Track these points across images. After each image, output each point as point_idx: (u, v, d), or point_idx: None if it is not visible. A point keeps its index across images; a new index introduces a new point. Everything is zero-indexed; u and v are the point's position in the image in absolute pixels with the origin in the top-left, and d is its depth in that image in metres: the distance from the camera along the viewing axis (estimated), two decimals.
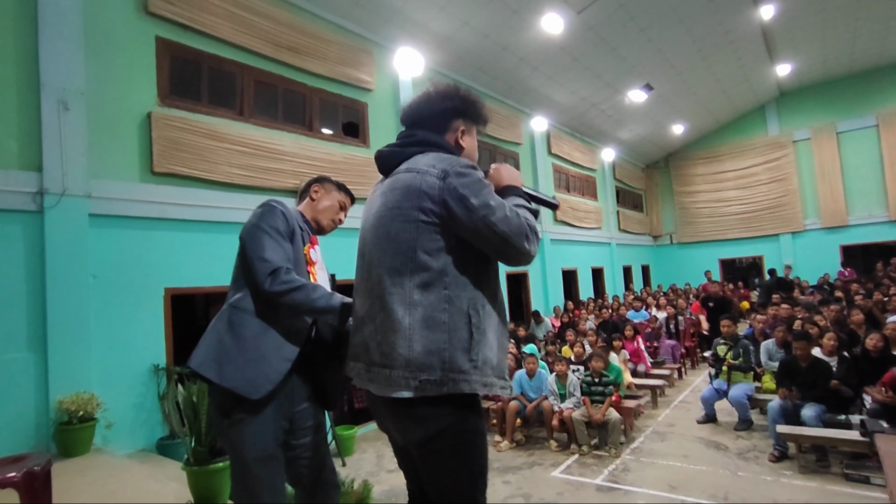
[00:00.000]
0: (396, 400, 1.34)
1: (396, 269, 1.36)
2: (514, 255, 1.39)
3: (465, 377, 1.32)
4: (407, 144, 1.52)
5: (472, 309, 1.36)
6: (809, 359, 4.90)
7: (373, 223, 1.46)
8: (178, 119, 5.19)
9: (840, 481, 4.13)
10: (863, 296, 8.59)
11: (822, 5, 10.90)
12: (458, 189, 1.34)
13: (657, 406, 6.80)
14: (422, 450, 1.39)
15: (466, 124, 1.58)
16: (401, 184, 1.41)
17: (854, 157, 15.07)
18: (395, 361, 1.32)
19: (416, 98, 1.59)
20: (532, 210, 1.48)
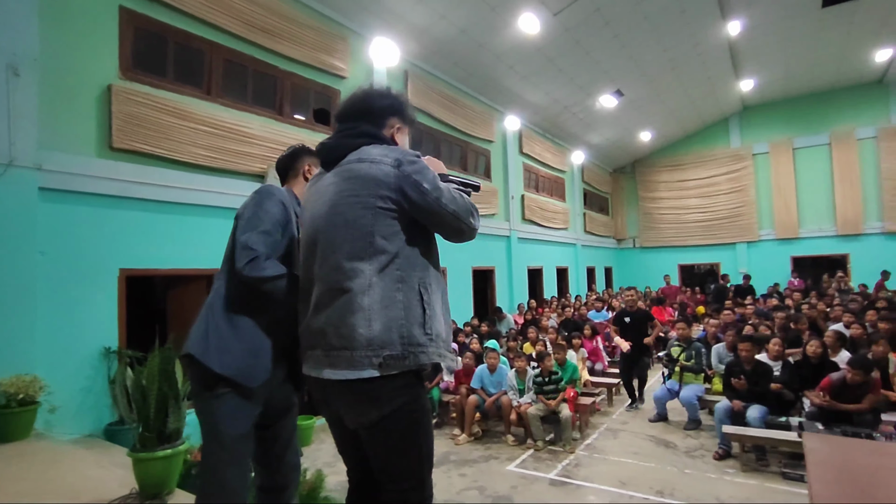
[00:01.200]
0: (353, 382, 1.39)
1: (355, 254, 1.43)
2: (466, 230, 1.55)
3: (423, 349, 1.43)
4: (353, 136, 1.59)
5: (422, 287, 1.48)
6: (753, 361, 5.13)
7: (326, 211, 1.51)
8: (141, 94, 4.99)
9: (777, 479, 4.35)
10: (809, 305, 9.04)
11: (785, 27, 11.36)
12: (412, 175, 1.46)
13: (612, 404, 7.00)
14: (373, 430, 1.45)
15: (400, 122, 1.69)
16: (355, 173, 1.48)
17: (808, 172, 15.81)
18: (356, 342, 1.38)
19: (353, 94, 1.68)
20: (465, 191, 1.61)
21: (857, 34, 11.84)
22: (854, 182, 15.05)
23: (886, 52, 12.79)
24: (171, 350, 3.02)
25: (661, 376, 6.59)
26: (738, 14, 10.59)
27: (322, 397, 1.56)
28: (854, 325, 6.32)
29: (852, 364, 4.48)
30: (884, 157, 14.69)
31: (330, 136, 1.67)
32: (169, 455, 2.88)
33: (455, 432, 5.80)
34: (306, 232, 1.59)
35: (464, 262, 10.20)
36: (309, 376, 1.54)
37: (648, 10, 9.49)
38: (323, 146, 1.64)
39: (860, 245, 15.00)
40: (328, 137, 1.66)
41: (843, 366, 4.96)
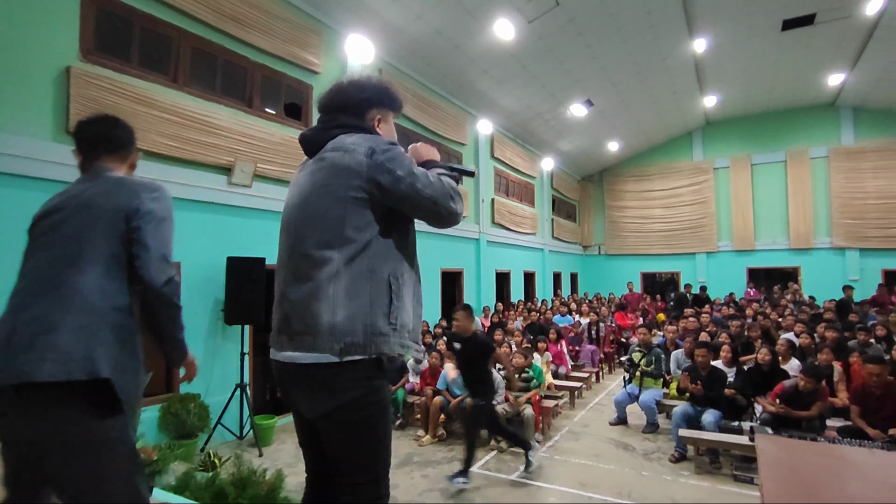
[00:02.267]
0: (312, 367, 1.39)
1: (325, 243, 1.43)
2: (445, 214, 1.52)
3: (385, 339, 1.43)
4: (331, 127, 1.60)
5: (392, 278, 1.47)
6: (708, 367, 5.32)
7: (298, 201, 1.52)
8: (103, 78, 4.79)
9: (729, 481, 4.51)
10: (763, 315, 9.42)
11: (747, 48, 11.85)
12: (385, 163, 1.46)
13: (574, 407, 7.12)
14: (329, 421, 1.45)
15: (382, 112, 1.69)
16: (328, 162, 1.49)
17: (764, 187, 16.51)
18: (319, 328, 1.39)
19: (331, 88, 1.69)
20: (451, 175, 1.60)
21: (812, 58, 12.45)
22: (806, 199, 15.80)
23: (838, 77, 13.50)
24: None
25: (623, 380, 6.74)
26: (704, 32, 10.98)
27: (283, 385, 1.55)
28: (803, 334, 6.62)
29: (806, 372, 4.69)
30: (833, 176, 15.48)
31: (310, 128, 1.68)
32: None
33: (419, 433, 5.78)
34: (282, 221, 1.59)
35: (432, 263, 10.20)
36: (274, 361, 1.53)
37: (620, 23, 9.74)
38: (303, 136, 1.65)
39: (810, 259, 15.76)
40: (308, 129, 1.67)
41: (792, 373, 5.19)
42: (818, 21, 10.60)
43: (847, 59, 12.42)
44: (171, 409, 4.90)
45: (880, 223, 14.82)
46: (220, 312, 5.68)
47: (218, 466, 3.73)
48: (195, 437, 4.95)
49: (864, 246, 15.00)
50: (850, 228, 15.15)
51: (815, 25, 10.77)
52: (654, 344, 6.67)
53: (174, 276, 1.55)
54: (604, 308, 11.32)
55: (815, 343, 6.44)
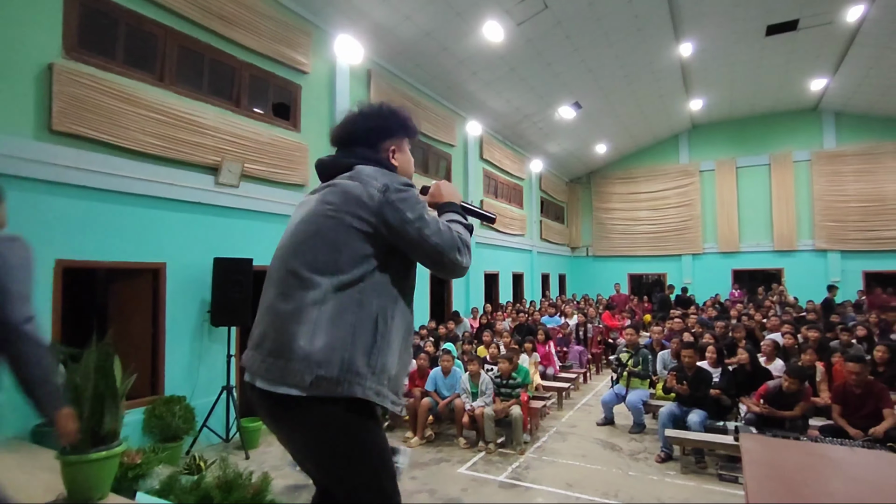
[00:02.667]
0: (281, 401, 1.32)
1: (316, 266, 1.39)
2: (449, 265, 1.47)
3: (360, 381, 1.34)
4: (348, 157, 1.59)
5: (380, 316, 1.40)
6: (694, 367, 5.38)
7: (302, 217, 1.50)
8: (86, 76, 4.72)
9: (714, 481, 4.56)
10: (748, 316, 9.56)
11: (732, 53, 12.03)
12: (396, 203, 1.43)
13: (562, 408, 7.15)
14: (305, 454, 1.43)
15: (396, 142, 1.66)
16: (341, 188, 1.47)
17: (749, 190, 16.75)
18: (294, 353, 1.32)
19: (344, 119, 1.67)
20: (466, 225, 1.57)
21: (795, 63, 12.67)
22: (789, 201, 16.07)
23: (820, 82, 13.75)
24: (109, 346, 2.86)
25: (610, 380, 6.79)
26: (691, 36, 11.12)
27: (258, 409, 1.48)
28: (787, 335, 6.73)
29: (790, 373, 4.76)
30: (816, 179, 15.76)
31: (328, 155, 1.67)
32: (103, 457, 2.72)
33: (407, 435, 5.77)
34: (283, 236, 1.56)
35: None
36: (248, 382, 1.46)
37: (607, 26, 9.82)
38: (320, 162, 1.64)
39: (793, 260, 16.02)
40: (326, 156, 1.66)
41: (777, 374, 5.27)
42: (801, 27, 10.79)
43: (829, 64, 12.66)
44: (156, 411, 4.84)
45: (861, 225, 15.12)
46: (207, 314, 5.62)
47: (203, 469, 3.69)
48: (180, 439, 4.89)
49: (846, 248, 15.29)
50: (832, 231, 15.44)
51: (798, 31, 10.96)
52: (641, 345, 6.74)
53: (34, 316, 1.57)
54: (591, 309, 11.39)
55: (798, 344, 6.55)
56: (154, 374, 5.29)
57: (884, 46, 11.00)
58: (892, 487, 1.51)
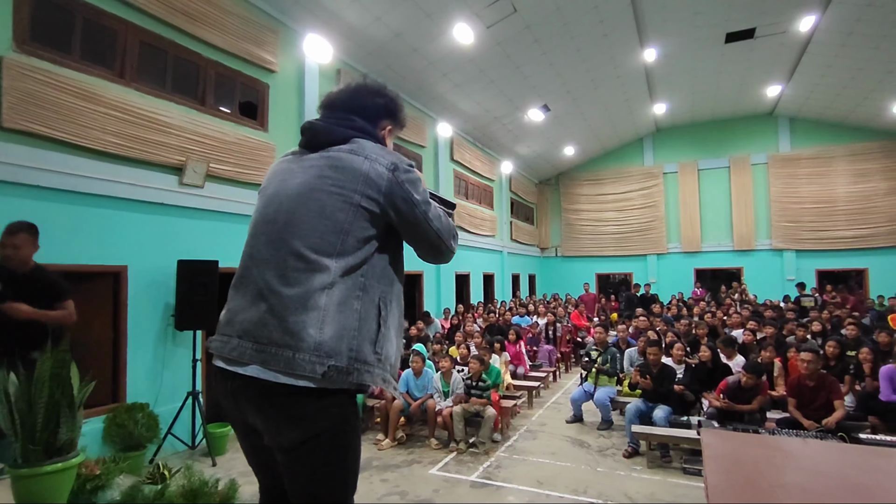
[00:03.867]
0: (283, 390, 1.25)
1: (323, 248, 1.31)
2: (444, 251, 1.50)
3: (369, 369, 1.32)
4: (347, 126, 1.48)
5: (381, 302, 1.38)
6: (659, 364, 5.53)
7: (298, 192, 1.37)
8: (40, 70, 4.52)
9: (679, 474, 4.70)
10: (710, 314, 9.88)
11: (694, 59, 12.44)
12: (405, 184, 1.39)
13: (532, 406, 7.24)
14: (293, 453, 1.31)
15: (392, 125, 1.63)
16: (345, 163, 1.38)
17: (710, 192, 17.34)
18: (303, 342, 1.25)
19: (348, 85, 1.58)
20: (449, 213, 1.58)
21: (753, 70, 13.19)
22: (748, 203, 16.70)
23: (776, 88, 14.35)
24: (66, 353, 2.74)
25: (580, 378, 6.91)
26: (654, 42, 11.44)
27: (235, 405, 1.37)
28: (745, 332, 6.98)
29: (747, 369, 4.96)
30: (772, 181, 16.44)
31: (320, 118, 1.54)
32: (58, 469, 2.61)
33: (379, 437, 5.73)
34: (266, 208, 1.43)
35: None
36: (223, 370, 1.34)
37: (574, 31, 10.00)
38: (313, 127, 1.49)
39: (752, 259, 16.66)
40: (318, 119, 1.53)
41: (737, 369, 5.47)
42: (758, 35, 11.24)
43: (784, 71, 13.22)
44: (117, 419, 4.67)
45: (814, 226, 15.85)
46: (171, 318, 5.46)
47: (167, 478, 3.58)
48: (143, 448, 4.74)
49: (800, 247, 16.00)
50: (788, 231, 16.13)
51: (756, 39, 11.41)
52: (609, 343, 6.88)
53: None
54: (560, 309, 11.57)
55: (756, 340, 6.81)
56: (115, 381, 5.10)
57: (833, 55, 11.57)
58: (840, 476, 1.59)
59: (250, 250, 1.41)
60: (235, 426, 1.45)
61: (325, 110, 1.56)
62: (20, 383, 2.71)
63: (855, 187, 15.51)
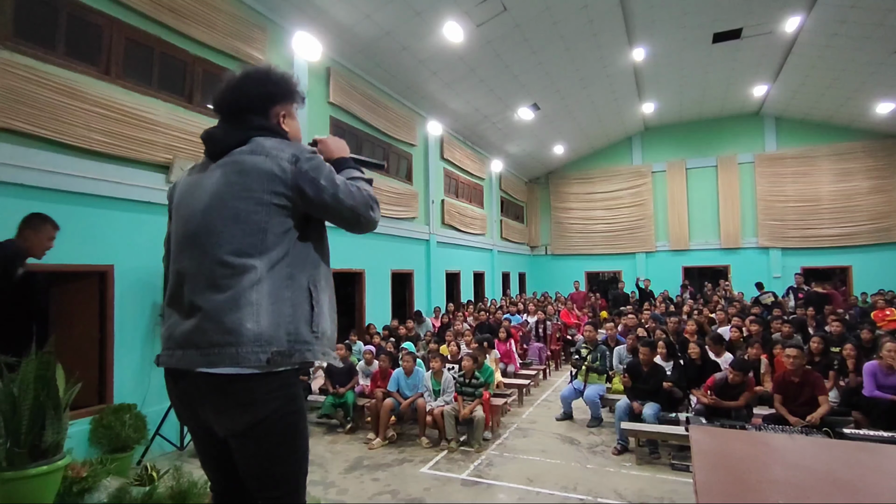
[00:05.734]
0: (230, 380, 1.34)
1: (244, 250, 1.38)
2: (364, 223, 1.53)
3: (309, 347, 1.43)
4: (243, 128, 1.51)
5: (311, 285, 1.47)
6: (651, 363, 5.58)
7: (210, 203, 1.42)
8: (23, 67, 4.44)
9: (667, 470, 4.75)
10: (698, 311, 9.99)
11: (682, 58, 12.54)
12: (310, 172, 1.43)
13: (522, 404, 7.27)
14: (245, 436, 1.39)
15: (285, 107, 1.62)
16: (247, 166, 1.42)
17: (698, 191, 17.51)
18: (243, 337, 1.33)
19: (227, 84, 1.57)
20: (367, 180, 1.61)
21: (739, 70, 13.33)
22: (735, 201, 16.89)
23: (762, 88, 14.52)
24: (51, 354, 2.71)
25: (570, 375, 6.95)
26: (643, 42, 11.51)
27: (187, 404, 1.46)
28: (733, 328, 7.07)
29: (734, 366, 5.02)
30: (759, 180, 16.63)
31: (215, 126, 1.56)
32: (44, 472, 2.57)
33: (369, 436, 5.72)
34: (185, 225, 1.47)
35: (383, 264, 10.13)
36: (173, 371, 1.43)
37: (563, 30, 10.04)
38: (210, 137, 1.52)
39: (739, 257, 16.86)
40: (214, 127, 1.55)
41: (725, 366, 5.54)
42: (744, 35, 11.36)
43: (770, 71, 13.38)
44: (104, 421, 4.61)
45: (799, 224, 16.07)
46: (159, 318, 5.40)
47: (156, 480, 3.54)
48: (131, 449, 4.69)
49: (786, 245, 16.22)
50: (773, 229, 16.34)
51: (742, 39, 11.53)
52: (599, 341, 6.93)
53: None
54: (550, 307, 11.62)
55: (743, 337, 6.90)
56: (102, 383, 5.04)
57: (818, 56, 11.73)
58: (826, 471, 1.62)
59: (177, 267, 1.46)
60: (189, 426, 1.54)
61: (218, 113, 1.58)
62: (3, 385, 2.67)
63: (839, 186, 15.75)
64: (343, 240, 8.84)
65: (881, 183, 15.33)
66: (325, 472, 4.84)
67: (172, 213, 1.58)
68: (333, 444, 5.66)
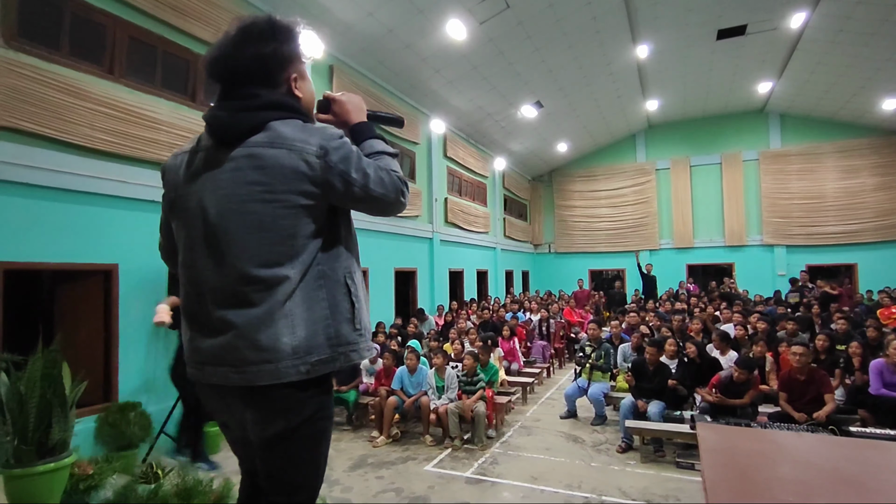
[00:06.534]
0: (262, 392, 1.26)
1: (274, 260, 1.25)
2: (392, 209, 1.41)
3: (354, 347, 1.33)
4: (254, 108, 1.29)
5: (348, 279, 1.36)
6: (657, 363, 5.56)
7: (228, 207, 1.25)
8: (28, 66, 4.46)
9: (672, 468, 4.73)
10: (700, 309, 9.95)
11: (686, 55, 12.48)
12: (339, 165, 1.28)
13: (526, 402, 7.27)
14: (275, 442, 1.32)
15: (296, 68, 1.40)
16: (269, 162, 1.24)
17: (702, 188, 17.44)
18: (281, 353, 1.23)
19: (224, 43, 1.32)
20: (392, 154, 1.45)
21: (744, 67, 13.26)
22: (739, 199, 16.82)
23: (767, 85, 14.44)
24: (57, 352, 2.72)
25: (574, 373, 6.94)
26: (647, 39, 11.46)
27: (221, 402, 1.38)
28: (738, 326, 7.04)
29: (739, 364, 5.00)
30: (763, 178, 16.55)
31: (218, 104, 1.33)
32: (51, 470, 2.59)
33: (373, 434, 5.73)
34: (194, 225, 1.31)
35: (386, 263, 10.14)
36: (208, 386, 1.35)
37: (567, 27, 10.00)
38: (216, 121, 1.31)
39: (743, 255, 16.78)
40: (217, 107, 1.33)
41: (731, 364, 5.52)
42: (749, 32, 11.29)
43: (774, 68, 13.30)
44: (109, 419, 4.64)
45: (804, 222, 15.99)
46: None
47: (161, 478, 3.56)
48: (136, 447, 4.71)
49: (791, 243, 16.14)
50: (778, 227, 16.26)
51: (747, 36, 11.47)
52: (603, 339, 6.92)
53: None
54: (554, 305, 11.61)
55: (748, 335, 6.87)
56: (107, 381, 5.06)
57: (823, 52, 11.65)
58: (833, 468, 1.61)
59: (192, 274, 1.33)
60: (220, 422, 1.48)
61: (215, 81, 1.35)
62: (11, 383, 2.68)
63: (844, 183, 15.66)
64: None
65: (887, 180, 15.24)
66: (330, 469, 4.85)
67: (175, 204, 1.39)
68: (337, 442, 5.66)
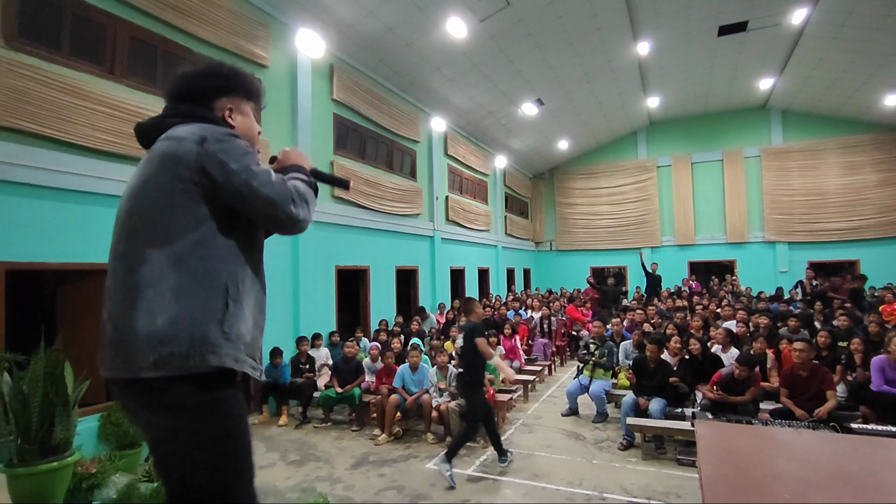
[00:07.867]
0: (138, 385, 1.25)
1: (150, 241, 1.28)
2: (284, 218, 1.36)
3: (215, 349, 1.27)
4: (169, 115, 1.44)
5: (230, 282, 1.33)
6: (658, 360, 5.56)
7: (127, 196, 1.37)
8: (28, 67, 4.47)
9: (673, 465, 4.74)
10: (702, 306, 9.94)
11: (687, 52, 12.45)
12: (217, 154, 1.31)
13: (528, 400, 7.27)
14: (161, 443, 1.31)
15: (233, 101, 1.52)
16: (157, 153, 1.34)
17: (703, 185, 17.40)
18: (136, 334, 1.23)
19: (177, 74, 1.52)
20: (307, 182, 1.46)
21: (745, 63, 13.21)
22: (741, 196, 16.78)
23: (768, 81, 14.39)
24: (59, 352, 2.73)
25: (576, 370, 6.95)
26: (648, 35, 11.43)
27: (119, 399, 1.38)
28: (740, 323, 7.03)
29: (740, 361, 5.00)
30: (765, 174, 16.51)
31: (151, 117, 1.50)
32: (54, 468, 2.61)
33: (375, 433, 5.75)
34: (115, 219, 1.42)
35: (387, 261, 10.14)
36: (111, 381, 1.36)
37: (567, 24, 9.98)
38: (139, 127, 1.47)
39: (745, 252, 16.76)
40: (148, 118, 1.49)
41: (732, 361, 5.51)
42: (750, 28, 11.25)
43: (776, 64, 13.26)
44: (112, 417, 4.65)
45: (805, 218, 15.95)
46: None
47: None
48: (139, 446, 4.72)
49: (792, 240, 16.10)
50: (780, 223, 16.22)
51: (748, 32, 11.43)
52: (606, 336, 6.91)
53: None
54: (556, 302, 11.61)
55: (749, 332, 6.86)
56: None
57: (824, 48, 11.60)
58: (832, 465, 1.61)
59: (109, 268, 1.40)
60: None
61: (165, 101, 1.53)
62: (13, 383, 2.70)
63: (846, 179, 15.61)
64: (347, 237, 8.85)
65: (889, 176, 15.19)
66: (332, 467, 4.87)
67: None
68: (339, 441, 5.68)
